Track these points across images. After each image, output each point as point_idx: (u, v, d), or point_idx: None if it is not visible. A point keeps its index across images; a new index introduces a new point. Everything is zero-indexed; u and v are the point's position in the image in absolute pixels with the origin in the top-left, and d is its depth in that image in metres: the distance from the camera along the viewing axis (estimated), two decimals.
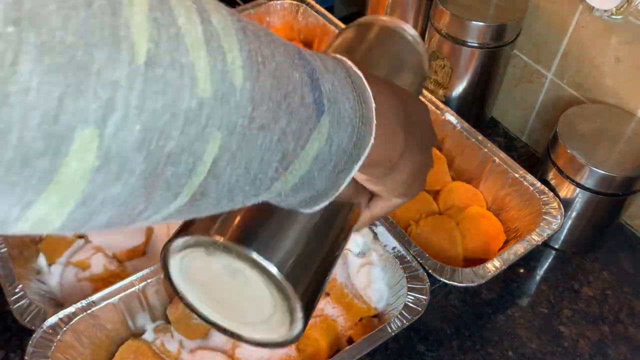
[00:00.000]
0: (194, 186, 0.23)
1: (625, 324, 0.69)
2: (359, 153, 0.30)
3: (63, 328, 0.57)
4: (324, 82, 0.28)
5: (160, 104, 0.20)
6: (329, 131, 0.28)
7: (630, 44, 0.69)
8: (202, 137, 0.22)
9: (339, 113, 0.28)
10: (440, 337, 0.67)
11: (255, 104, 0.23)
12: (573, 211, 0.71)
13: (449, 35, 0.78)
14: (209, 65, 0.21)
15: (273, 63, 0.25)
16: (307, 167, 0.28)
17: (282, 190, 0.28)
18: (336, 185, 0.31)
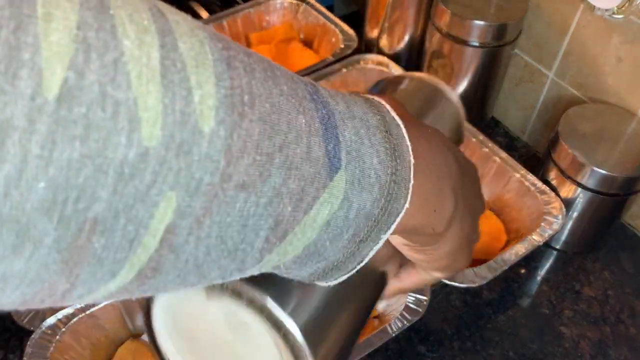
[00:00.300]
0: (140, 261, 0.18)
1: (627, 324, 0.68)
2: (389, 220, 0.24)
3: (62, 329, 0.57)
4: (344, 130, 0.22)
5: (78, 153, 0.15)
6: (346, 192, 0.22)
7: (631, 43, 0.68)
8: (146, 199, 0.17)
9: (362, 170, 0.23)
10: (440, 337, 0.67)
11: (233, 156, 0.18)
12: (574, 211, 0.70)
13: (449, 35, 0.78)
14: (162, 104, 0.17)
15: (267, 104, 0.20)
16: (313, 236, 0.22)
17: (280, 262, 0.23)
18: (357, 257, 0.25)
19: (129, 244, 0.17)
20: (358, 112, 0.24)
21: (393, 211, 0.24)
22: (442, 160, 0.28)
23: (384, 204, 0.24)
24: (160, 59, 0.17)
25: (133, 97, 0.16)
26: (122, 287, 0.19)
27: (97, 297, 0.19)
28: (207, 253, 0.20)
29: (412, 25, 0.88)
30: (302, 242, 0.22)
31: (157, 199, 0.17)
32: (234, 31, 0.93)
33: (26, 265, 0.16)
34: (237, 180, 0.19)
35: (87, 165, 0.16)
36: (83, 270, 0.17)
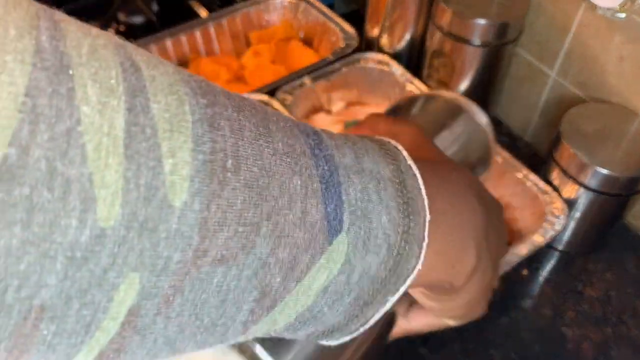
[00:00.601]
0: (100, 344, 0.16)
1: (629, 325, 0.68)
2: (398, 282, 0.22)
3: None
4: (349, 187, 0.20)
5: (18, 239, 0.14)
6: (348, 256, 0.20)
7: (634, 42, 0.68)
8: (103, 283, 0.15)
9: (369, 230, 0.21)
10: (442, 339, 0.66)
11: (209, 230, 0.16)
12: (576, 211, 0.70)
13: (450, 34, 0.77)
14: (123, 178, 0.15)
15: (254, 168, 0.17)
16: (308, 303, 0.20)
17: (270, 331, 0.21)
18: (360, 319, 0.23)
19: (85, 329, 0.16)
20: (368, 164, 0.21)
21: (403, 272, 0.22)
22: (467, 211, 0.26)
23: (393, 265, 0.22)
24: (125, 125, 0.15)
25: (88, 173, 0.14)
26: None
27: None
28: (180, 331, 0.18)
29: (413, 23, 0.88)
30: (295, 309, 0.20)
31: (116, 281, 0.15)
32: (233, 30, 0.93)
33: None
34: (214, 255, 0.17)
35: (29, 252, 0.14)
36: (31, 356, 0.16)
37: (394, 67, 0.85)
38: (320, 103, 0.87)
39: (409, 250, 0.22)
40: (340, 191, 0.20)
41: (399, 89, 0.85)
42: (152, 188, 0.15)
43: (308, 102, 0.85)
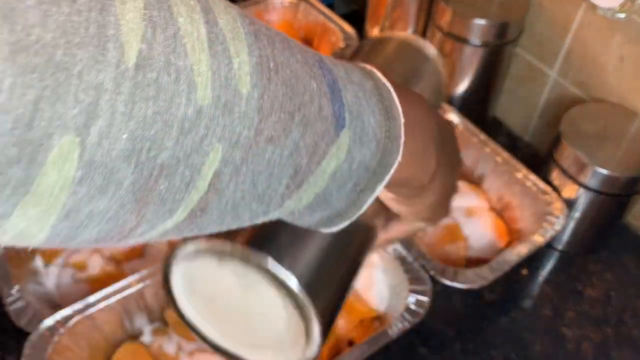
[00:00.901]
0: (193, 202, 0.21)
1: (629, 325, 0.68)
2: (384, 172, 0.28)
3: (60, 330, 0.57)
4: (346, 93, 0.26)
5: (152, 110, 0.18)
6: (350, 147, 0.26)
7: (634, 42, 0.68)
8: (200, 149, 0.20)
9: (362, 128, 0.26)
10: (442, 339, 0.66)
11: (264, 114, 0.22)
12: (576, 212, 0.70)
13: (450, 34, 0.77)
14: (211, 70, 0.20)
15: (287, 71, 0.23)
16: (323, 185, 0.26)
17: (296, 208, 0.26)
18: (357, 204, 0.28)
19: (186, 187, 0.21)
20: (356, 78, 0.27)
21: (387, 164, 0.28)
22: (425, 121, 0.31)
23: (380, 158, 0.27)
24: (206, 33, 0.20)
25: (190, 65, 0.19)
26: (175, 226, 0.22)
27: (154, 235, 0.22)
28: (242, 197, 0.23)
29: (413, 24, 0.88)
30: (314, 190, 0.26)
31: (208, 149, 0.20)
32: None
33: (108, 204, 0.19)
34: (267, 134, 0.22)
35: (157, 121, 0.19)
36: (149, 209, 0.20)
37: None
38: None
39: (391, 146, 0.28)
40: (341, 96, 0.25)
41: None
42: (228, 79, 0.20)
43: None
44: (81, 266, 0.67)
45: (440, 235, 0.71)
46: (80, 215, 0.19)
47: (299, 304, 0.30)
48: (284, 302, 0.30)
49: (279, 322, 0.31)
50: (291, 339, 0.32)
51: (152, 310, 0.63)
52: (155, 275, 0.61)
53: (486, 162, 0.75)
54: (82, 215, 0.19)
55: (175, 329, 0.63)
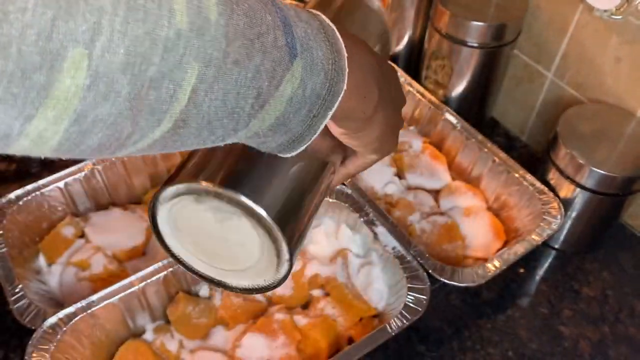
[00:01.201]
0: (176, 112, 0.25)
1: (626, 324, 0.69)
2: (333, 99, 0.31)
3: (63, 328, 0.57)
4: (296, 29, 0.29)
5: (142, 30, 0.22)
6: (302, 75, 0.29)
7: (630, 43, 0.68)
8: (180, 66, 0.24)
9: (312, 59, 0.29)
10: (440, 337, 0.67)
11: (229, 39, 0.25)
12: (573, 211, 0.71)
13: (449, 35, 0.78)
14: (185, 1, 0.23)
15: (246, 4, 0.26)
16: (282, 108, 0.29)
17: (260, 129, 0.30)
18: (312, 129, 0.32)
19: (170, 98, 0.24)
20: (304, 17, 0.30)
21: (335, 92, 0.31)
22: (366, 58, 0.35)
23: (329, 86, 0.31)
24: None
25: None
26: (162, 136, 0.26)
27: (145, 144, 0.26)
28: (216, 112, 0.26)
29: (412, 26, 0.88)
30: (275, 112, 0.29)
31: (186, 66, 0.24)
32: None
33: (109, 110, 0.23)
34: (233, 57, 0.25)
35: (146, 40, 0.22)
36: (141, 117, 0.24)
37: None
38: None
39: (337, 76, 0.31)
40: (292, 30, 0.29)
41: None
42: (199, 7, 0.24)
43: None
44: (84, 265, 0.68)
45: (439, 235, 0.71)
46: (88, 121, 0.22)
47: (269, 231, 0.34)
48: (256, 230, 0.34)
49: (254, 247, 0.35)
50: (265, 262, 0.36)
51: (154, 309, 0.64)
52: (157, 274, 0.62)
53: (484, 162, 0.76)
54: (89, 120, 0.22)
55: (177, 327, 0.64)
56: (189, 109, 0.25)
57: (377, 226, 0.67)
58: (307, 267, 0.68)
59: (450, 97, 0.85)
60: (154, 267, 0.62)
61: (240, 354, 0.61)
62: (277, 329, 0.62)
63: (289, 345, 0.61)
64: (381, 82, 0.36)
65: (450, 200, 0.76)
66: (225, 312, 0.64)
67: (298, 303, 0.67)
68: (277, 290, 0.66)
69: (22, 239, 0.69)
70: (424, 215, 0.73)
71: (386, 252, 0.65)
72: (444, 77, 0.83)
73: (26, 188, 0.70)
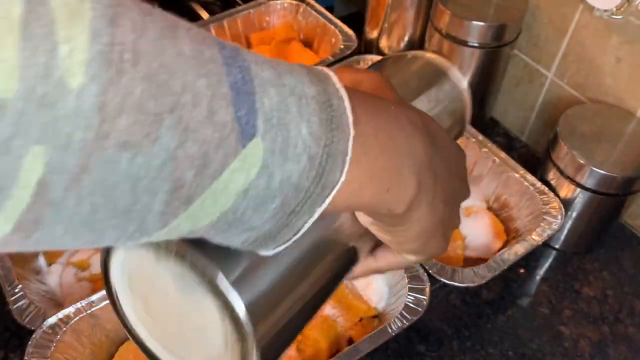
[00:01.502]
0: (16, 212, 0.18)
1: (626, 324, 0.69)
2: (323, 192, 0.24)
3: (63, 328, 0.57)
4: (264, 97, 0.22)
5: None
6: (266, 161, 0.22)
7: (630, 43, 0.68)
8: (10, 151, 0.17)
9: (286, 139, 0.22)
10: (440, 337, 0.67)
11: (109, 114, 0.18)
12: (573, 211, 0.71)
13: (449, 35, 0.78)
14: (21, 56, 0.16)
15: (155, 64, 0.19)
16: (229, 204, 0.22)
17: (194, 228, 0.22)
18: (291, 228, 0.24)
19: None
20: (290, 81, 0.23)
21: (327, 184, 0.24)
22: (404, 139, 0.27)
23: (316, 176, 0.23)
24: (22, 13, 0.17)
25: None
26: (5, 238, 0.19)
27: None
28: (94, 212, 0.19)
29: (412, 25, 0.88)
30: (217, 209, 0.22)
31: (21, 151, 0.17)
32: (234, 32, 0.93)
33: None
34: (117, 139, 0.18)
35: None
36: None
37: None
38: None
39: (332, 162, 0.23)
40: (253, 100, 0.21)
41: None
42: (49, 67, 0.17)
43: None
44: (84, 265, 0.68)
45: None
46: None
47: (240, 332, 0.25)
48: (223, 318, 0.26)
49: (215, 340, 0.27)
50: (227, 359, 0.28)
51: None
52: None
53: (484, 162, 0.76)
54: None
55: None
56: (40, 209, 0.18)
57: None
58: None
59: None
60: None
61: None
62: None
63: None
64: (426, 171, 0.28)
65: None
66: None
67: None
68: None
69: None
70: None
71: None
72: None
73: None
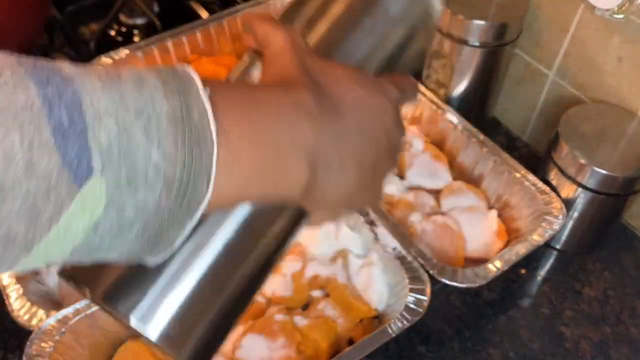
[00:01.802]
0: None
1: (627, 324, 0.68)
2: (190, 209, 0.23)
3: (61, 329, 0.57)
4: (99, 131, 0.21)
5: None
6: (112, 197, 0.21)
7: (632, 43, 0.68)
8: None
9: (133, 169, 0.21)
10: (441, 338, 0.67)
11: None
12: (575, 211, 0.70)
13: (449, 34, 0.78)
14: None
15: None
16: (78, 240, 0.22)
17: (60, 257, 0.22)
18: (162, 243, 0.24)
19: None
20: (137, 104, 0.22)
21: (194, 200, 0.23)
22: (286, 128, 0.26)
23: (178, 196, 0.23)
24: None
25: None
26: None
27: None
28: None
29: None
30: (66, 246, 0.22)
31: None
32: (234, 31, 0.93)
33: None
34: None
35: None
36: None
37: None
38: None
39: (197, 179, 0.23)
40: (86, 138, 0.20)
41: None
42: None
43: None
44: None
45: (440, 235, 0.71)
46: None
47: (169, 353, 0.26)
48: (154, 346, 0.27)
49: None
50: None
51: None
52: None
53: (485, 162, 0.75)
54: None
55: None
56: None
57: (378, 226, 0.66)
58: (307, 267, 0.68)
59: (451, 97, 0.84)
60: None
61: (240, 354, 0.61)
62: (277, 330, 0.62)
63: (289, 346, 0.61)
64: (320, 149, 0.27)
65: (452, 200, 0.75)
66: None
67: (298, 304, 0.67)
68: (277, 291, 0.66)
69: None
70: (424, 216, 0.73)
71: (387, 253, 0.65)
72: (445, 76, 0.83)
73: None
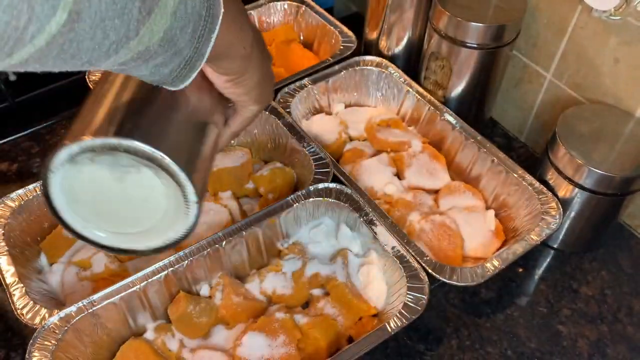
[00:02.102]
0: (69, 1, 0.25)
1: (624, 323, 0.69)
2: (213, 21, 0.34)
3: (64, 327, 0.58)
4: None
5: None
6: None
7: (629, 44, 0.69)
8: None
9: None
10: (439, 336, 0.67)
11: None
12: (572, 211, 0.71)
13: (448, 36, 0.78)
14: None
15: None
16: (168, 22, 0.30)
17: (151, 42, 0.30)
18: (199, 53, 0.34)
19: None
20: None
21: (214, 15, 0.33)
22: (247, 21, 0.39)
23: (208, 7, 0.33)
24: None
25: None
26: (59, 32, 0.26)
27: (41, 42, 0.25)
28: (107, 9, 0.27)
29: (411, 26, 0.89)
30: (162, 25, 0.30)
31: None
32: None
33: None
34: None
35: None
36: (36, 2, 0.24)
37: (392, 70, 0.86)
38: (320, 104, 0.88)
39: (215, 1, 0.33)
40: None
41: (397, 90, 0.86)
42: None
43: (308, 103, 0.86)
44: (85, 264, 0.68)
45: (438, 234, 0.72)
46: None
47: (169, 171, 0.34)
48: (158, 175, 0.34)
49: (159, 199, 0.35)
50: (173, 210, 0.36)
51: (155, 308, 0.64)
52: (158, 274, 0.62)
53: (483, 162, 0.76)
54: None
55: (177, 326, 0.64)
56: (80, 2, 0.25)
57: (377, 226, 0.67)
58: (307, 266, 0.69)
59: (449, 98, 0.85)
60: (155, 267, 0.62)
61: (241, 352, 0.62)
62: (277, 328, 0.62)
63: (289, 344, 0.62)
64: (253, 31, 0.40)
65: (450, 200, 0.76)
66: (225, 311, 0.65)
67: (298, 302, 0.67)
68: (277, 290, 0.67)
69: (23, 238, 0.69)
70: (423, 215, 0.74)
71: (386, 252, 0.66)
72: (443, 77, 0.83)
73: (27, 188, 0.70)
